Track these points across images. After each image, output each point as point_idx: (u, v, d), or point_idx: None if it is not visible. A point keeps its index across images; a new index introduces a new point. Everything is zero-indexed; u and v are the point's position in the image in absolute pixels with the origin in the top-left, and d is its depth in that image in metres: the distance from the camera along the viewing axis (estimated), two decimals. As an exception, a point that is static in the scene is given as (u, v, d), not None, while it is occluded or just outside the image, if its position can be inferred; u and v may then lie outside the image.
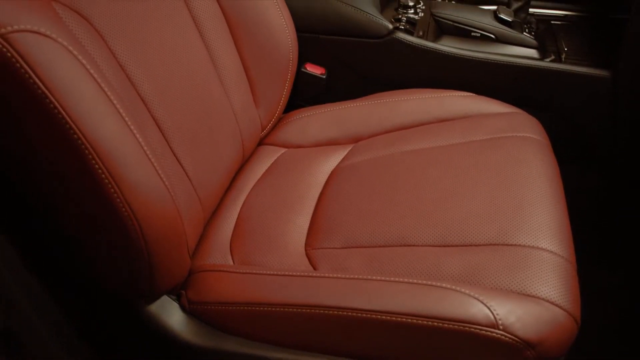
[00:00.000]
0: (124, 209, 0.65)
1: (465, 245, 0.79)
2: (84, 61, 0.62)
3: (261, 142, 1.11)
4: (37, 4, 0.62)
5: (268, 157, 1.07)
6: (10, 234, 0.71)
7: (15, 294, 0.71)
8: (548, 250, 0.77)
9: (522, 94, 1.17)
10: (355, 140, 1.08)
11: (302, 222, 0.91)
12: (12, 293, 0.71)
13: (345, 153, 1.04)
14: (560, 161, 0.98)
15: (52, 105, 0.58)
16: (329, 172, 1.01)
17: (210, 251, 0.89)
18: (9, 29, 0.56)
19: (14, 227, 0.73)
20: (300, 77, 1.22)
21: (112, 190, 0.63)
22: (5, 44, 0.56)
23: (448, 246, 0.80)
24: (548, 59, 1.18)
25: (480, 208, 0.84)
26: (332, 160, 1.03)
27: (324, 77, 1.23)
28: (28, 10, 0.59)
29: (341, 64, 1.22)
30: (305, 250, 0.86)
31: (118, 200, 0.64)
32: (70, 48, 0.61)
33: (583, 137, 1.19)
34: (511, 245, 0.78)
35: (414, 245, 0.81)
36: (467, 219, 0.82)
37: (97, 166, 0.62)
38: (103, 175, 0.62)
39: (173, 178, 0.78)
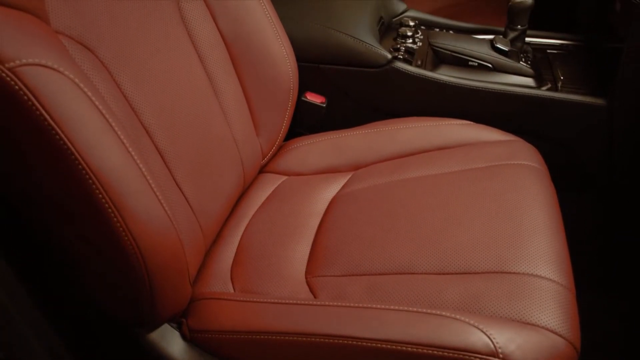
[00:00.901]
0: (126, 238, 0.66)
1: (465, 273, 0.80)
2: (89, 93, 0.63)
3: (262, 170, 1.12)
4: (45, 38, 0.63)
5: (269, 185, 1.08)
6: (10, 259, 0.72)
7: (14, 319, 0.71)
8: (547, 278, 0.78)
9: (520, 122, 1.18)
10: (355, 168, 1.09)
11: (303, 249, 0.92)
12: (11, 318, 0.71)
13: (345, 181, 1.05)
14: (559, 188, 0.99)
15: (57, 137, 0.59)
16: (329, 200, 1.01)
17: (211, 279, 0.90)
18: (18, 62, 0.57)
19: (14, 252, 0.73)
20: (301, 106, 1.24)
21: (115, 219, 0.64)
22: (13, 77, 0.57)
23: (447, 274, 0.80)
24: (544, 88, 1.20)
25: (479, 236, 0.84)
26: (332, 188, 1.04)
27: (324, 105, 1.25)
28: (36, 44, 0.61)
29: (341, 92, 1.24)
30: (306, 278, 0.87)
31: (121, 228, 0.65)
32: (77, 80, 0.62)
33: (580, 164, 1.20)
34: (510, 272, 0.79)
35: (413, 273, 0.82)
36: (466, 247, 0.83)
37: (100, 196, 0.63)
38: (106, 205, 0.63)
39: (175, 206, 0.79)
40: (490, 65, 1.21)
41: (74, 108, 0.60)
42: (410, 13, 1.44)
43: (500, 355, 0.67)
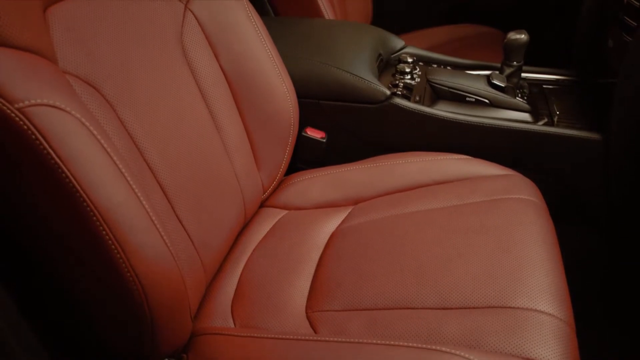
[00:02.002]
0: (128, 274, 0.66)
1: (464, 308, 0.80)
2: (95, 132, 0.65)
3: (262, 205, 1.13)
4: (53, 78, 0.65)
5: (269, 219, 1.09)
6: (12, 292, 0.72)
7: (14, 350, 0.71)
8: (546, 313, 0.78)
9: (517, 157, 1.19)
10: (355, 202, 1.10)
11: (303, 284, 0.92)
12: (11, 350, 0.71)
13: (345, 215, 1.06)
14: (557, 222, 0.99)
15: (63, 175, 0.61)
16: (330, 234, 1.02)
17: (212, 314, 0.90)
18: (27, 102, 0.59)
19: (16, 285, 0.74)
20: (301, 141, 1.25)
21: (118, 255, 0.65)
22: (22, 117, 0.59)
23: (447, 309, 0.81)
24: (541, 122, 1.21)
25: (479, 270, 0.85)
26: (333, 222, 1.05)
27: (324, 140, 1.26)
28: (44, 84, 0.63)
29: (341, 128, 1.25)
30: (306, 312, 0.87)
31: (123, 265, 0.66)
32: (83, 120, 0.64)
33: (578, 198, 1.21)
34: (509, 307, 0.79)
35: (413, 308, 0.82)
36: (466, 282, 0.83)
37: (104, 232, 0.64)
38: (110, 242, 0.64)
39: (177, 242, 0.80)
40: (487, 100, 1.23)
41: (80, 148, 0.62)
42: (408, 49, 1.47)
43: (501, 391, 0.67)
